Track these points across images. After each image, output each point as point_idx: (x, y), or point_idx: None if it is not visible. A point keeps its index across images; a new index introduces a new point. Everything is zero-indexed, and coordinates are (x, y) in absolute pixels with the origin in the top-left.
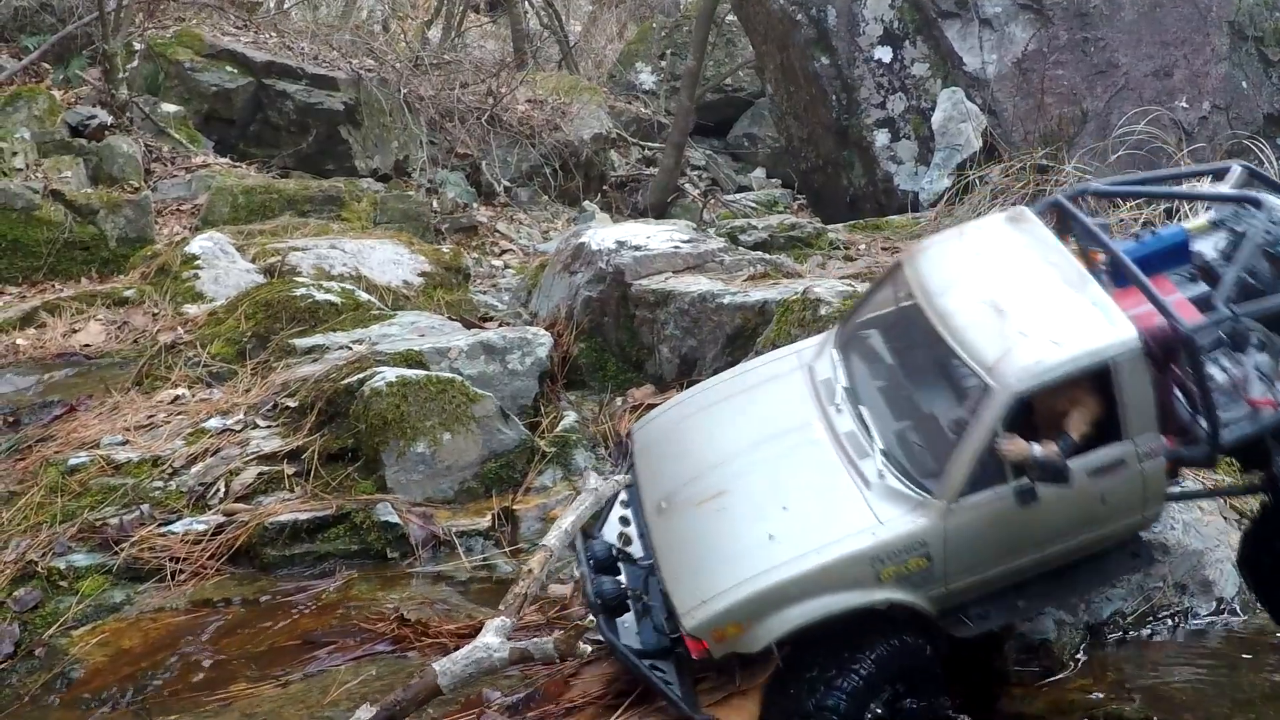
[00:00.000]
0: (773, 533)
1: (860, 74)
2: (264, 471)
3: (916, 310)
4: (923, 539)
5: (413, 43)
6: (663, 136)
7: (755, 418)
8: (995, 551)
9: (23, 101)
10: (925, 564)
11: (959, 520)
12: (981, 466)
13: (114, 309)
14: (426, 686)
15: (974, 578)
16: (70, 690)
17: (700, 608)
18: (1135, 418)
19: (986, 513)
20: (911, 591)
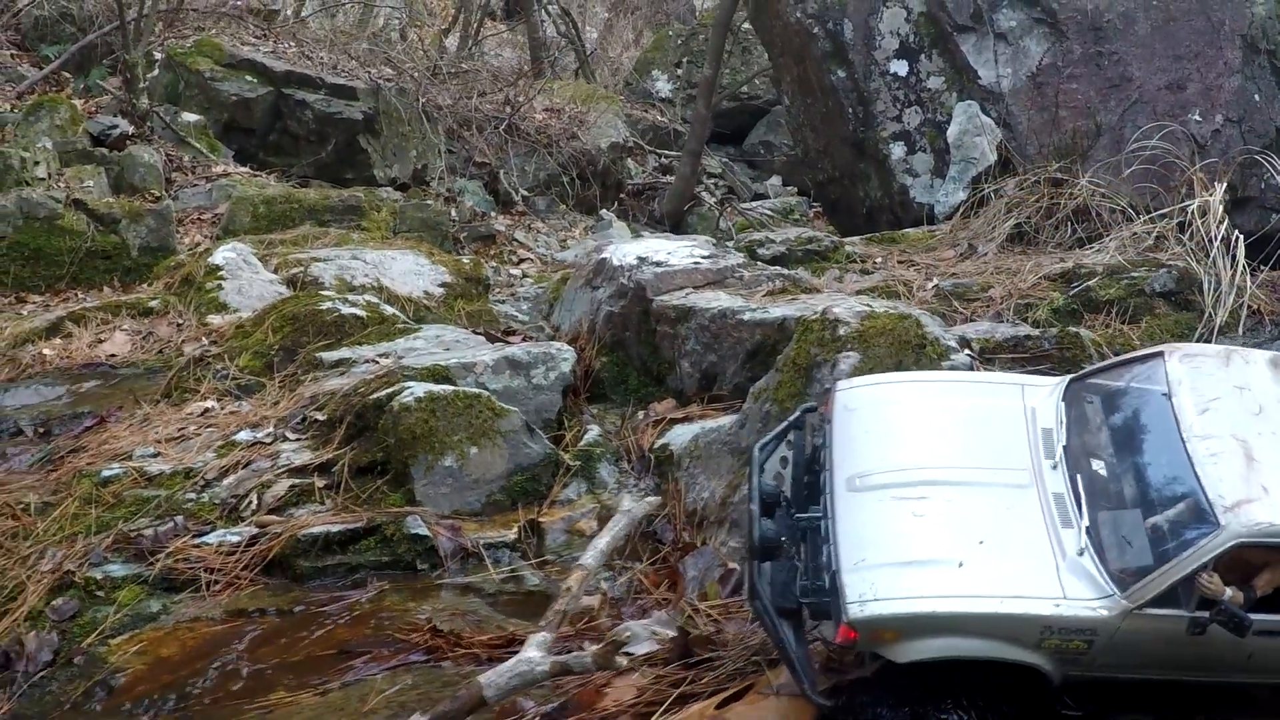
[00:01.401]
0: (964, 561)
1: (876, 87)
2: (295, 484)
3: (1164, 409)
4: (1095, 629)
5: (430, 51)
6: (679, 144)
7: (971, 436)
8: (1144, 661)
9: (45, 111)
10: (1084, 649)
11: (1132, 625)
12: (1174, 588)
13: (139, 319)
14: (472, 698)
15: (1111, 674)
16: (112, 698)
17: (874, 604)
18: None
19: (1157, 629)
20: (1057, 665)
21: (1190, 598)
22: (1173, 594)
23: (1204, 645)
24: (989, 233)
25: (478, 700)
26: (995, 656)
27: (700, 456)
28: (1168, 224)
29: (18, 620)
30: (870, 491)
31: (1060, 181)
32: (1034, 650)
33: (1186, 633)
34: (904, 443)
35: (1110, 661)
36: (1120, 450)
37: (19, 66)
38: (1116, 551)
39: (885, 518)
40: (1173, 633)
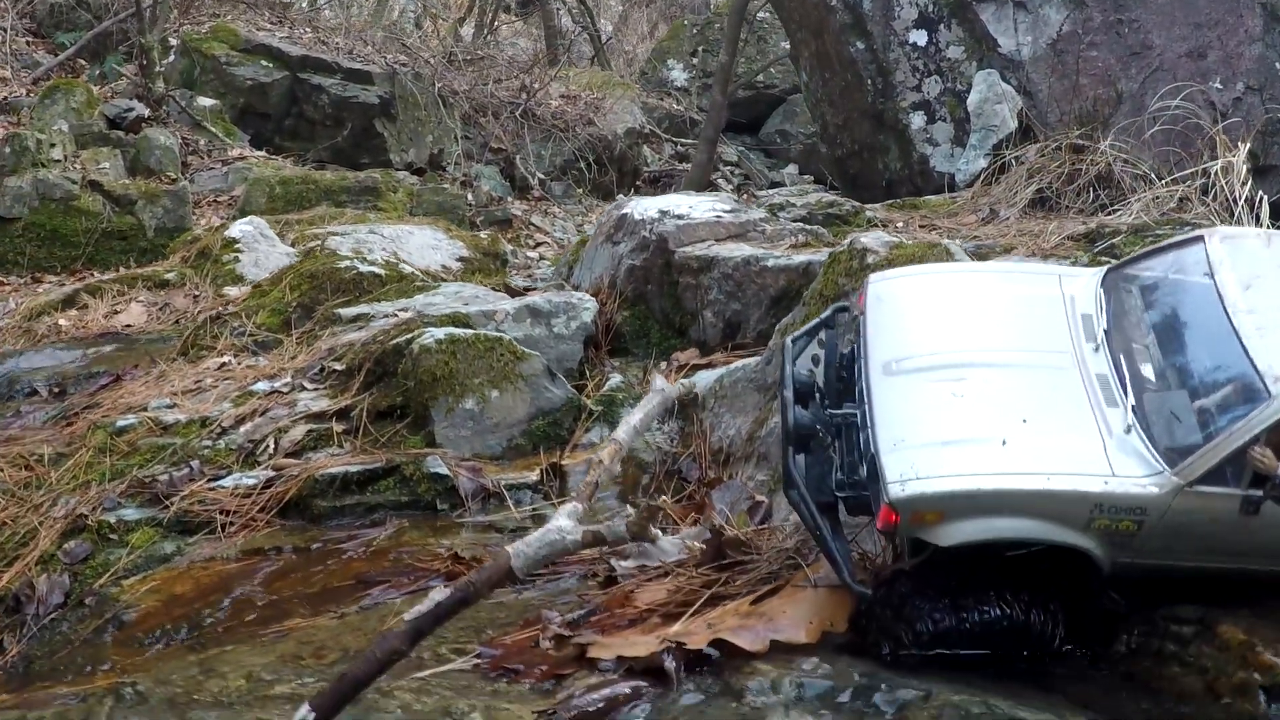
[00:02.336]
0: (1007, 439)
1: (896, 58)
2: (313, 429)
3: (1207, 288)
4: (1145, 506)
5: (446, 39)
6: (695, 132)
7: (1009, 321)
8: (1196, 546)
9: (60, 94)
10: (1134, 529)
11: (1184, 504)
12: (1224, 464)
13: (155, 291)
14: (499, 568)
15: (1161, 561)
16: (122, 631)
17: (915, 482)
18: None
19: (1210, 507)
20: (1106, 548)
21: (1242, 475)
22: (1223, 471)
23: (1256, 528)
24: (1010, 198)
25: (505, 571)
26: (1043, 538)
27: (725, 396)
28: (1191, 186)
29: (29, 564)
30: (907, 375)
31: (1081, 148)
32: (1083, 532)
33: (1239, 512)
34: (940, 328)
35: (1159, 546)
36: (1163, 332)
37: (34, 53)
38: (1164, 429)
39: (923, 399)
40: (1224, 512)
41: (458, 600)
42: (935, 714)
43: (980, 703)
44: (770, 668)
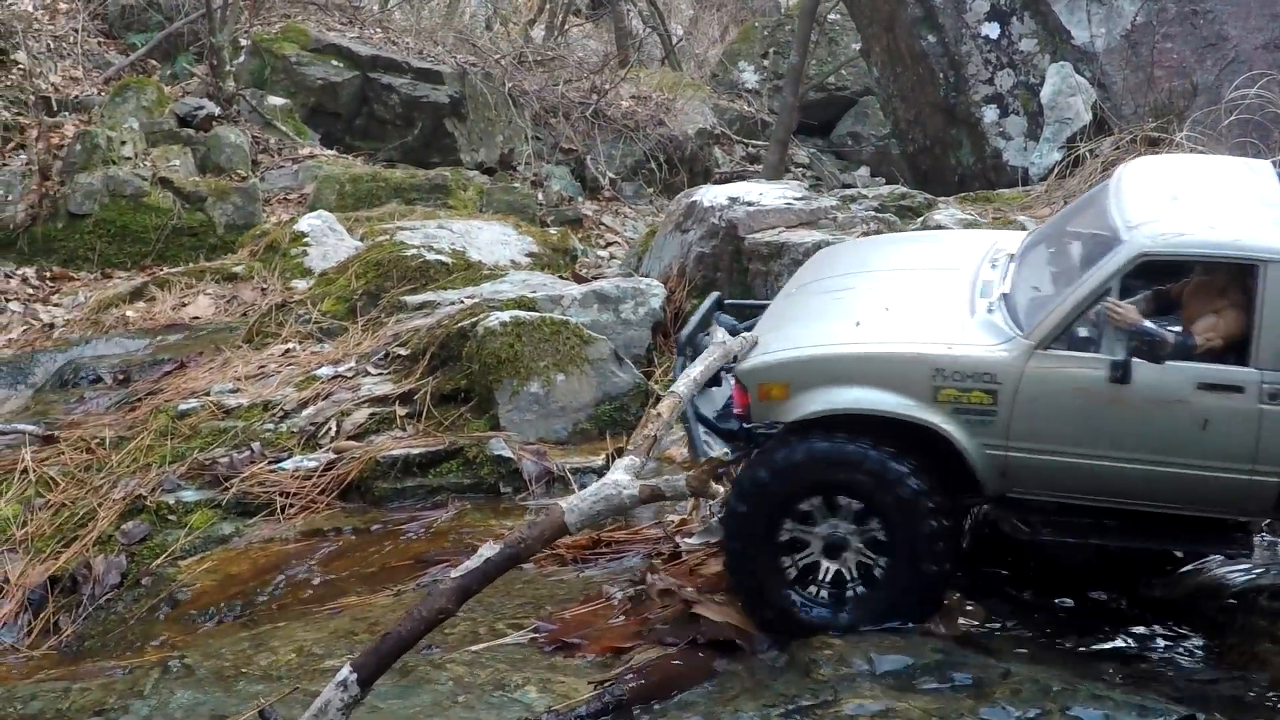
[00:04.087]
0: (862, 320)
1: (968, 51)
2: (376, 413)
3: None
4: (992, 371)
5: (516, 40)
6: (766, 134)
7: (922, 254)
8: (1069, 428)
9: (131, 93)
10: (988, 402)
11: (1040, 368)
12: (1086, 327)
13: (222, 284)
14: (553, 524)
15: (1039, 453)
16: (176, 609)
17: (760, 357)
18: (1270, 342)
19: (1072, 376)
20: (964, 430)
21: (1105, 339)
22: (1083, 336)
23: (1135, 404)
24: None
25: (559, 526)
26: (886, 410)
27: None
28: None
29: (87, 545)
30: (799, 293)
31: (1157, 141)
32: (932, 406)
33: (1108, 380)
34: (848, 264)
35: (1026, 429)
36: (1060, 243)
37: (106, 54)
38: (1029, 307)
39: (803, 306)
40: (1092, 382)
41: (508, 557)
42: (1015, 689)
43: (1059, 678)
44: (840, 641)
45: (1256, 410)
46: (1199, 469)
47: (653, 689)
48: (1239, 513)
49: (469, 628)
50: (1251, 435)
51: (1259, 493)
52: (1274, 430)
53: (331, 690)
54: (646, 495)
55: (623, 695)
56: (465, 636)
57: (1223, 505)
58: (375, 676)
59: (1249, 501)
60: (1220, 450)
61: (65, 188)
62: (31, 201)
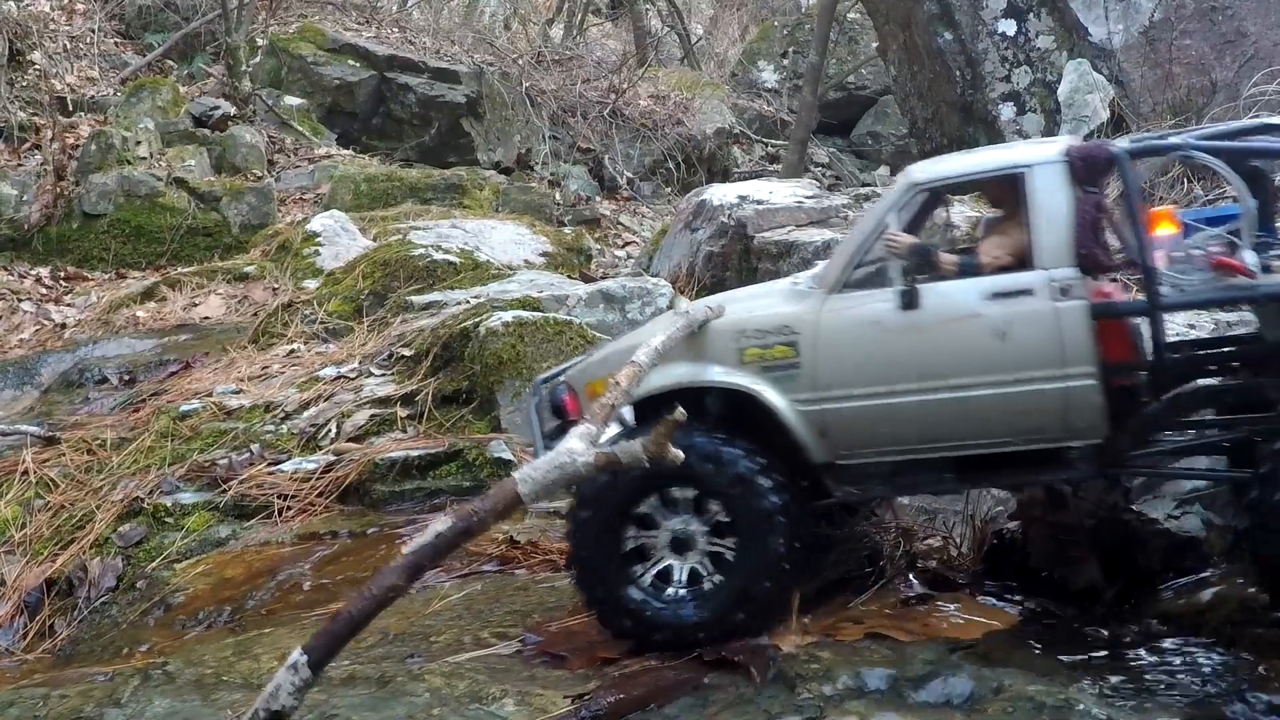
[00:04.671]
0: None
1: (984, 48)
2: (376, 414)
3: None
4: (788, 323)
5: (534, 40)
6: (785, 134)
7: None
8: (873, 365)
9: (147, 92)
10: (790, 355)
11: (835, 310)
12: (876, 267)
13: (234, 284)
14: (506, 494)
15: (849, 399)
16: (167, 614)
17: (584, 362)
18: (1049, 241)
19: (864, 313)
20: (773, 388)
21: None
22: (878, 277)
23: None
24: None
25: (512, 497)
26: (702, 380)
27: None
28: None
29: (84, 548)
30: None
31: None
32: (739, 368)
33: (901, 308)
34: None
35: (833, 375)
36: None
37: (122, 54)
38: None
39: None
40: (886, 314)
41: (460, 531)
42: (1008, 704)
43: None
44: (827, 654)
45: (1051, 309)
46: (1011, 384)
47: (632, 703)
48: (1069, 435)
49: (454, 636)
50: (1053, 336)
51: (1081, 401)
52: (1074, 326)
53: (283, 674)
54: (602, 463)
55: (600, 710)
56: (449, 645)
57: (1050, 429)
58: (327, 659)
59: (1075, 416)
60: (1026, 358)
61: (80, 188)
62: (46, 201)
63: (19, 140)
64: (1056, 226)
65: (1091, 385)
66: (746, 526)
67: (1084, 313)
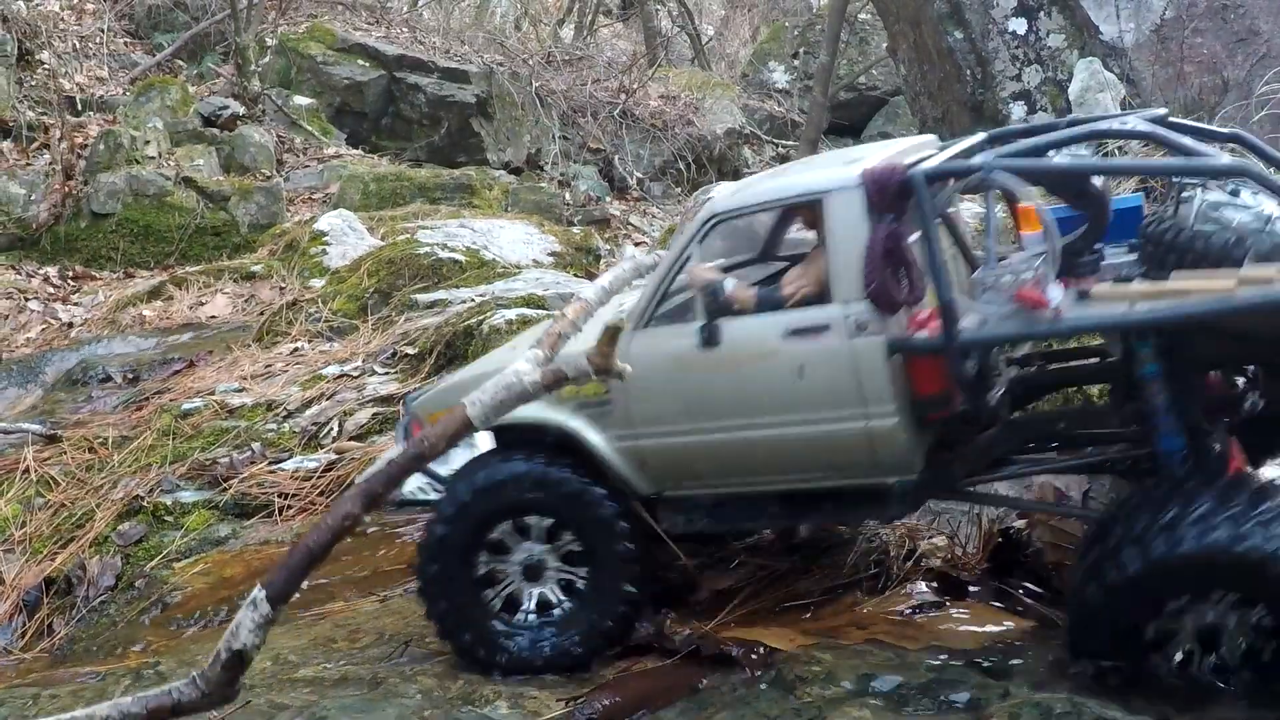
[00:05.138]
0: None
1: (994, 47)
2: (379, 413)
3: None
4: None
5: (544, 40)
6: (796, 134)
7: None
8: (678, 402)
9: (155, 92)
10: (601, 392)
11: (639, 346)
12: (680, 303)
13: (241, 283)
14: (457, 420)
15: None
16: (164, 612)
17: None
18: (845, 274)
19: (667, 348)
20: (590, 426)
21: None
22: (673, 309)
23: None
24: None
25: (463, 422)
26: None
27: None
28: None
29: (83, 546)
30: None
31: None
32: (557, 405)
33: (701, 346)
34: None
35: (644, 411)
36: None
37: (132, 54)
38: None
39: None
40: (687, 351)
41: (412, 457)
42: (1014, 711)
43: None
44: (829, 657)
45: (848, 346)
46: (813, 423)
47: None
48: (882, 471)
49: None
50: (850, 374)
51: (886, 440)
52: (872, 364)
53: (243, 612)
54: (549, 379)
55: (594, 713)
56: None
57: (860, 466)
58: (287, 593)
59: (882, 454)
60: (824, 397)
61: (88, 187)
62: (54, 201)
63: (28, 139)
64: (852, 257)
65: (895, 423)
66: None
67: (881, 349)
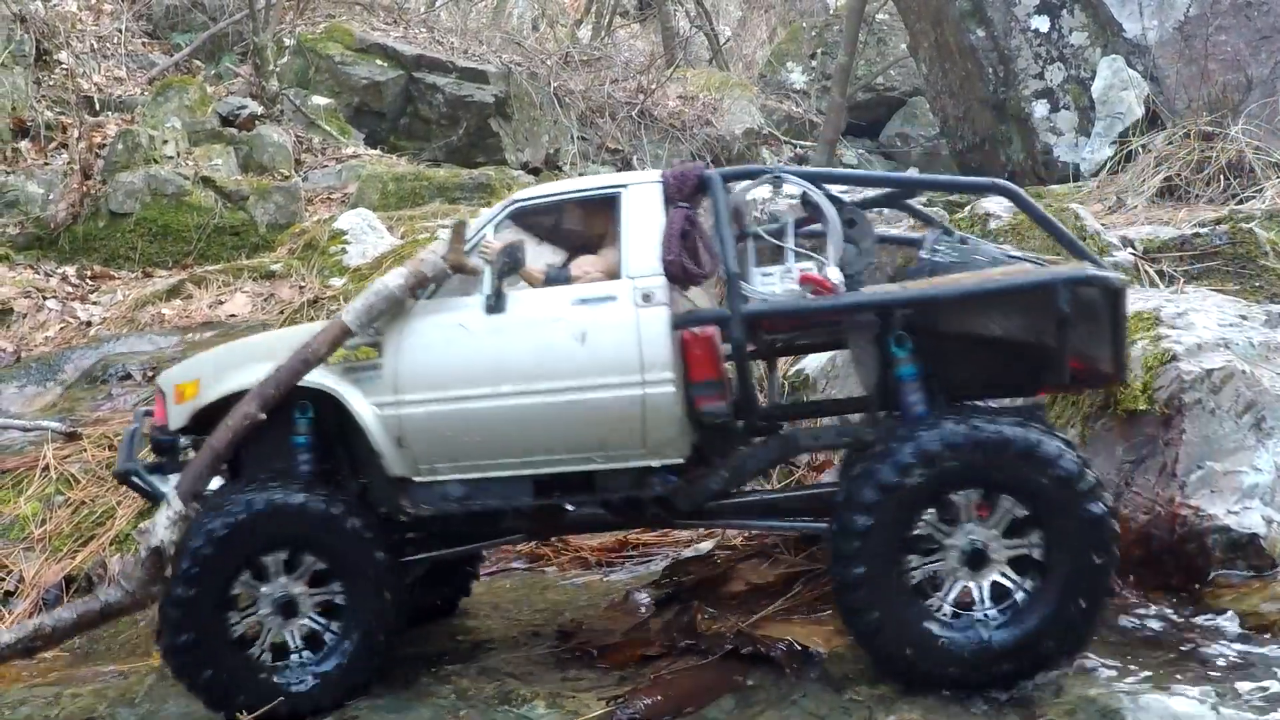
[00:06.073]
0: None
1: (1017, 45)
2: None
3: None
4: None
5: (562, 41)
6: (814, 135)
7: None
8: (454, 366)
9: (173, 92)
10: (374, 356)
11: (424, 312)
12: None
13: (260, 282)
14: (335, 327)
15: (426, 403)
16: None
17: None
18: (637, 252)
19: (452, 313)
20: (356, 390)
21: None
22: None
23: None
24: (1138, 186)
25: (341, 328)
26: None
27: (837, 376)
28: None
29: (104, 544)
30: None
31: (1211, 135)
32: (325, 368)
33: (486, 312)
34: None
35: (413, 376)
36: None
37: (149, 54)
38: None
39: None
40: (471, 317)
41: (299, 361)
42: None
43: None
44: None
45: (633, 314)
46: (589, 389)
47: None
48: (650, 452)
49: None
50: (632, 341)
51: (658, 412)
52: (654, 332)
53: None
54: (411, 281)
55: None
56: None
57: (630, 443)
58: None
59: (652, 428)
60: (605, 363)
61: (107, 187)
62: (73, 200)
63: (46, 139)
64: (645, 239)
65: (671, 394)
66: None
67: (665, 319)
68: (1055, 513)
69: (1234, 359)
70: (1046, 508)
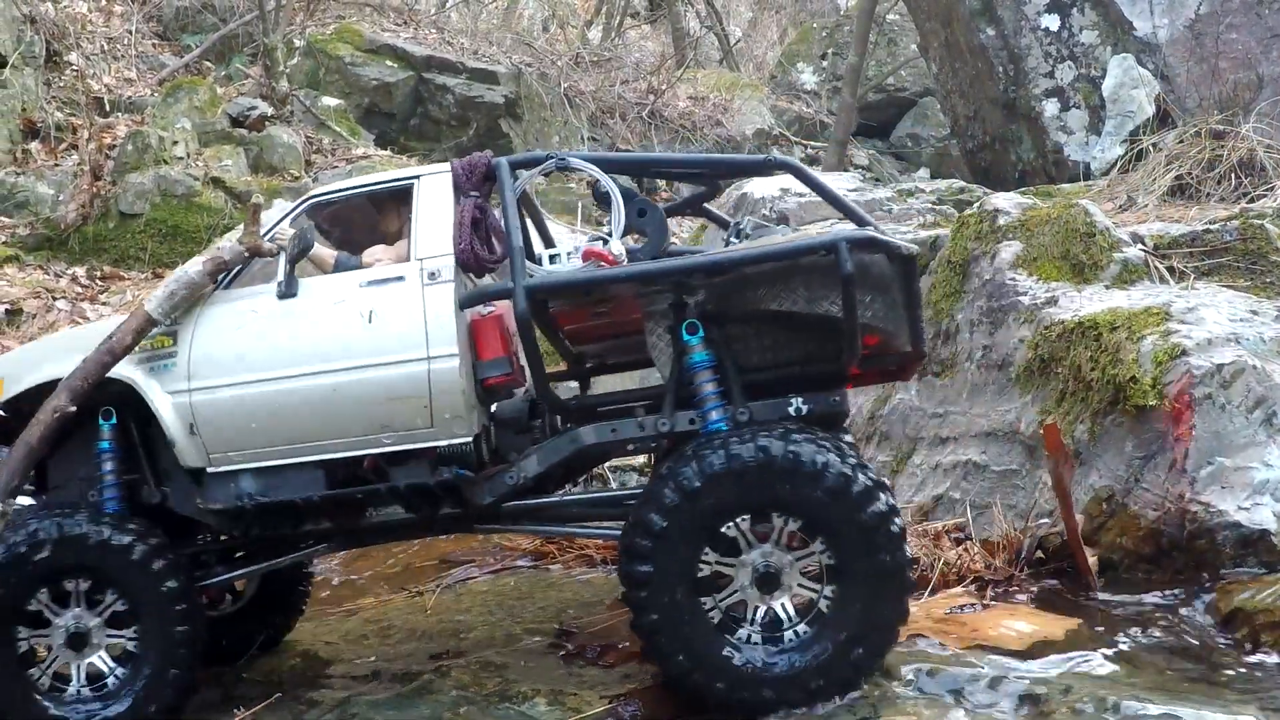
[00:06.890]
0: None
1: (1027, 43)
2: None
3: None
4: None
5: (573, 41)
6: (825, 136)
7: None
8: (245, 350)
9: (183, 92)
10: (169, 344)
11: (219, 299)
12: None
13: None
14: (139, 316)
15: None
16: None
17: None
18: (426, 236)
19: (245, 300)
20: (152, 380)
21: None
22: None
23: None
24: (1148, 185)
25: (144, 318)
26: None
27: None
28: None
29: None
30: None
31: (1222, 134)
32: (132, 366)
33: (279, 298)
34: None
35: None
36: None
37: (160, 55)
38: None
39: None
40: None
41: (104, 352)
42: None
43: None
44: None
45: (419, 292)
46: (376, 367)
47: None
48: (438, 429)
49: (485, 632)
50: (418, 318)
51: (444, 386)
52: (438, 307)
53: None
54: (210, 267)
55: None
56: (480, 642)
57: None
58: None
59: (440, 403)
60: (391, 341)
61: (116, 187)
62: (83, 201)
63: (56, 140)
64: (435, 224)
65: (456, 366)
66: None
67: (450, 293)
68: (835, 522)
69: (1244, 354)
70: (824, 519)
